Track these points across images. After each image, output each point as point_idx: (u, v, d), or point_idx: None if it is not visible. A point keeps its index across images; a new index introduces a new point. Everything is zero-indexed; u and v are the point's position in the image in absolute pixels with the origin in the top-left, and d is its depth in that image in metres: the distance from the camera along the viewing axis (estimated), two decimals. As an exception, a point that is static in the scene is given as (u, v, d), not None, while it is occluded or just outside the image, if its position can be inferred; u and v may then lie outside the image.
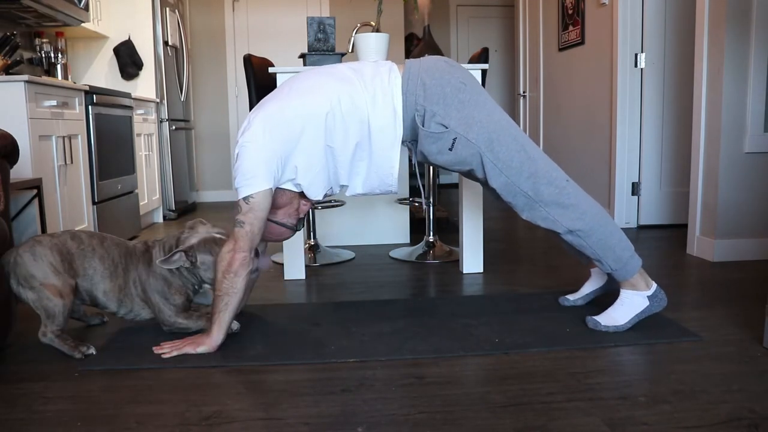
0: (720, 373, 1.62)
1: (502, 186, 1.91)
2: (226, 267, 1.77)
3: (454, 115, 1.86)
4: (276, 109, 1.81)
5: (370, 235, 3.51)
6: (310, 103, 1.81)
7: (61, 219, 2.92)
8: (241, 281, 1.79)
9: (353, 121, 1.83)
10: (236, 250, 1.78)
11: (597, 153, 4.12)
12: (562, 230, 1.93)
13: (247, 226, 1.78)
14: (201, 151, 5.98)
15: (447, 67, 1.91)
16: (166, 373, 1.68)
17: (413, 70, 1.89)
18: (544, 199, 1.91)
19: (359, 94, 1.84)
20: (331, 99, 1.82)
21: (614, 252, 1.93)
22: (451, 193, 6.20)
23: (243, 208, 1.79)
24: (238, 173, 1.80)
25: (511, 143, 1.88)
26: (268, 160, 1.78)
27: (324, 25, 2.83)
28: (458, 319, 2.08)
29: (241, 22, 5.92)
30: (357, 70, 1.90)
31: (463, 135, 1.86)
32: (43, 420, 1.43)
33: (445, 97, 1.86)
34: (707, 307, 2.20)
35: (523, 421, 1.38)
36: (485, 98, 1.91)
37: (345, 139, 1.85)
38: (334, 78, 1.86)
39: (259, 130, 1.78)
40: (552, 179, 1.91)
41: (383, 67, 1.92)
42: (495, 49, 7.11)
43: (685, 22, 3.70)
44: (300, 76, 1.92)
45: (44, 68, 3.96)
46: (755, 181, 2.91)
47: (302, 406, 1.47)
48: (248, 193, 1.78)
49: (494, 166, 1.89)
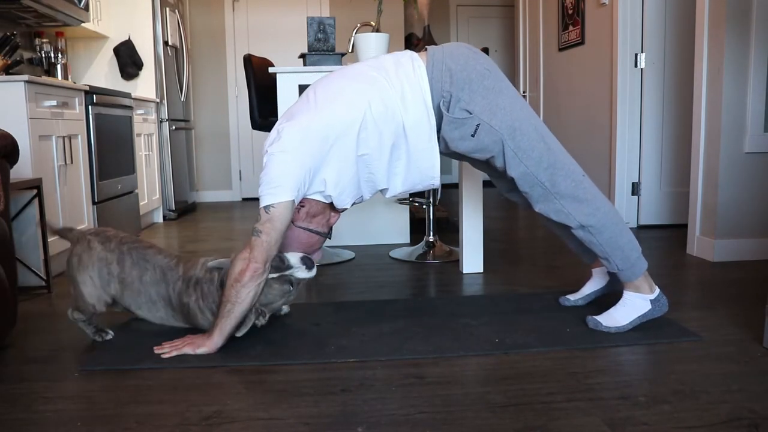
0: (720, 373, 1.62)
1: (521, 175, 1.89)
2: (237, 276, 1.74)
3: (478, 101, 1.83)
4: (306, 120, 1.76)
5: (370, 235, 3.51)
6: (342, 112, 1.76)
7: (61, 219, 2.92)
8: (248, 292, 1.75)
9: (386, 124, 1.79)
10: (251, 260, 1.73)
11: (597, 153, 4.12)
12: (575, 224, 1.92)
13: (264, 236, 1.73)
14: (201, 151, 5.98)
15: (471, 54, 1.88)
16: (166, 373, 1.68)
17: (437, 56, 1.85)
18: (560, 191, 1.89)
19: (387, 93, 1.79)
20: (361, 106, 1.77)
21: (623, 251, 1.92)
22: (451, 193, 6.20)
23: (263, 217, 1.73)
24: (263, 181, 1.74)
25: (532, 133, 1.87)
26: (296, 172, 1.73)
27: (324, 25, 2.83)
28: (458, 319, 2.08)
29: (241, 22, 5.92)
30: (379, 68, 1.85)
31: (486, 122, 1.83)
32: (43, 420, 1.43)
33: (470, 82, 1.82)
34: (707, 307, 2.20)
35: (523, 421, 1.38)
36: (508, 86, 1.89)
37: (380, 144, 1.80)
38: (359, 81, 1.81)
39: (290, 141, 1.73)
40: (569, 172, 1.90)
41: (404, 58, 1.87)
42: (495, 49, 7.11)
43: (685, 22, 3.70)
44: (323, 82, 1.87)
45: (44, 68, 3.96)
46: (755, 181, 2.91)
47: (302, 406, 1.47)
48: (270, 203, 1.72)
49: (515, 155, 1.86)
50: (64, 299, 2.47)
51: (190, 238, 3.90)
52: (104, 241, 1.93)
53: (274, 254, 1.79)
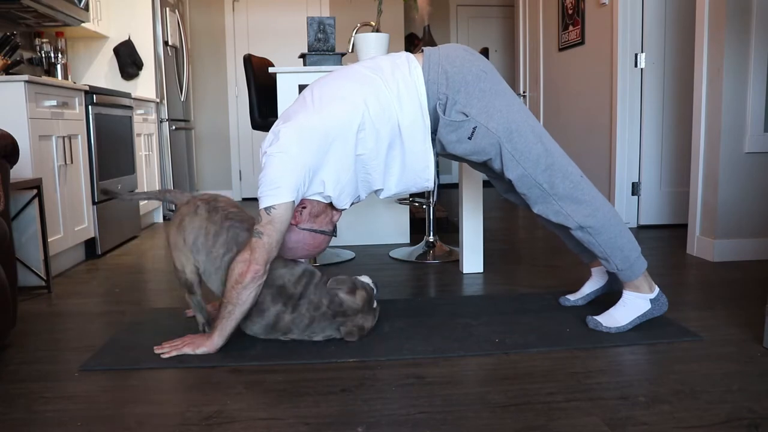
0: (720, 373, 1.62)
1: (519, 177, 1.89)
2: (238, 277, 1.73)
3: (475, 103, 1.83)
4: (305, 120, 1.76)
5: (370, 235, 3.51)
6: (340, 112, 1.76)
7: (61, 219, 2.92)
8: (250, 294, 1.75)
9: (383, 124, 1.79)
10: (251, 261, 1.72)
11: (597, 153, 4.12)
12: (574, 225, 1.92)
13: (265, 237, 1.72)
14: (201, 151, 5.98)
15: (467, 55, 1.87)
16: (166, 373, 1.68)
17: (434, 58, 1.85)
18: (558, 192, 1.89)
19: (384, 94, 1.79)
20: (359, 106, 1.77)
21: (622, 252, 1.92)
22: (451, 193, 6.20)
23: (263, 218, 1.73)
24: (262, 182, 1.74)
25: (530, 134, 1.87)
26: (295, 172, 1.72)
27: (324, 25, 2.83)
28: (458, 319, 2.08)
29: (241, 22, 5.92)
30: (375, 68, 1.85)
31: (483, 124, 1.83)
32: (43, 420, 1.43)
33: (466, 85, 1.82)
34: (707, 307, 2.20)
35: (523, 421, 1.38)
36: (504, 87, 1.89)
37: (377, 144, 1.81)
38: (356, 82, 1.81)
39: (288, 142, 1.73)
40: (567, 173, 1.90)
41: (400, 59, 1.87)
42: (495, 49, 7.11)
43: (685, 22, 3.70)
44: (320, 83, 1.88)
45: (44, 68, 3.96)
46: (755, 181, 2.91)
47: (302, 406, 1.47)
48: (270, 204, 1.71)
49: (512, 156, 1.86)
50: (64, 299, 2.47)
51: (190, 238, 3.90)
52: (211, 210, 1.91)
53: (275, 255, 1.78)
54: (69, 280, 2.81)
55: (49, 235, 2.76)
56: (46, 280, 2.61)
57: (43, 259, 2.64)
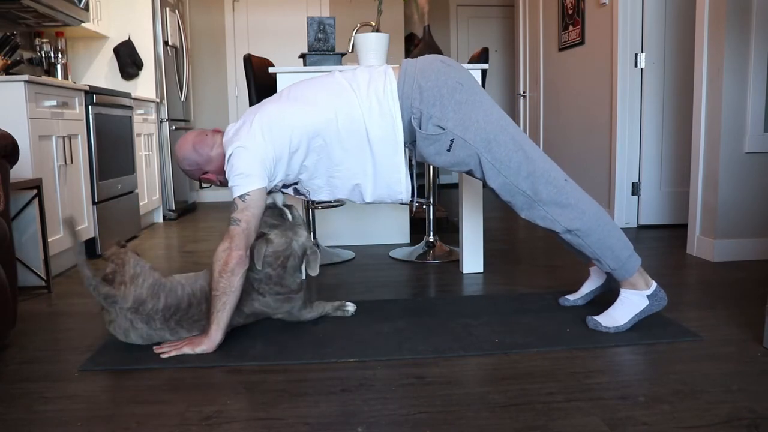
0: (720, 373, 1.62)
1: (501, 186, 1.91)
2: (222, 266, 1.77)
3: (450, 116, 1.86)
4: (275, 111, 1.85)
5: (370, 235, 3.51)
6: (306, 115, 1.85)
7: (61, 219, 2.92)
8: (238, 280, 1.79)
9: (350, 135, 1.86)
10: (232, 248, 1.77)
11: (597, 153, 4.12)
12: (561, 229, 1.93)
13: (243, 224, 1.79)
14: (201, 151, 5.98)
15: (443, 68, 1.90)
16: (166, 373, 1.68)
17: (409, 72, 1.90)
18: (542, 198, 1.91)
19: (355, 107, 1.86)
20: (328, 115, 1.85)
21: (613, 251, 1.93)
22: (451, 193, 6.20)
23: (239, 206, 1.79)
24: (232, 174, 1.81)
25: (509, 143, 1.88)
26: (264, 160, 1.81)
27: (324, 25, 2.83)
28: (458, 319, 2.08)
29: (241, 22, 5.92)
30: (352, 80, 1.91)
31: (460, 136, 1.86)
32: (43, 420, 1.43)
33: (441, 98, 1.85)
34: (707, 307, 2.20)
35: (523, 421, 1.38)
36: (482, 97, 1.91)
37: (343, 155, 1.88)
38: (332, 93, 1.88)
39: (257, 130, 1.82)
40: (550, 179, 1.91)
41: (377, 73, 1.93)
42: (495, 49, 7.11)
43: (685, 22, 3.70)
44: (298, 86, 1.95)
45: (44, 68, 3.96)
46: (755, 181, 2.91)
47: (302, 406, 1.47)
48: (245, 191, 1.79)
49: (492, 166, 1.89)
50: (64, 299, 2.47)
51: (190, 238, 3.90)
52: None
53: (252, 239, 1.83)
54: (69, 280, 2.81)
55: (49, 235, 2.76)
56: (46, 280, 2.61)
57: (43, 259, 2.64)
